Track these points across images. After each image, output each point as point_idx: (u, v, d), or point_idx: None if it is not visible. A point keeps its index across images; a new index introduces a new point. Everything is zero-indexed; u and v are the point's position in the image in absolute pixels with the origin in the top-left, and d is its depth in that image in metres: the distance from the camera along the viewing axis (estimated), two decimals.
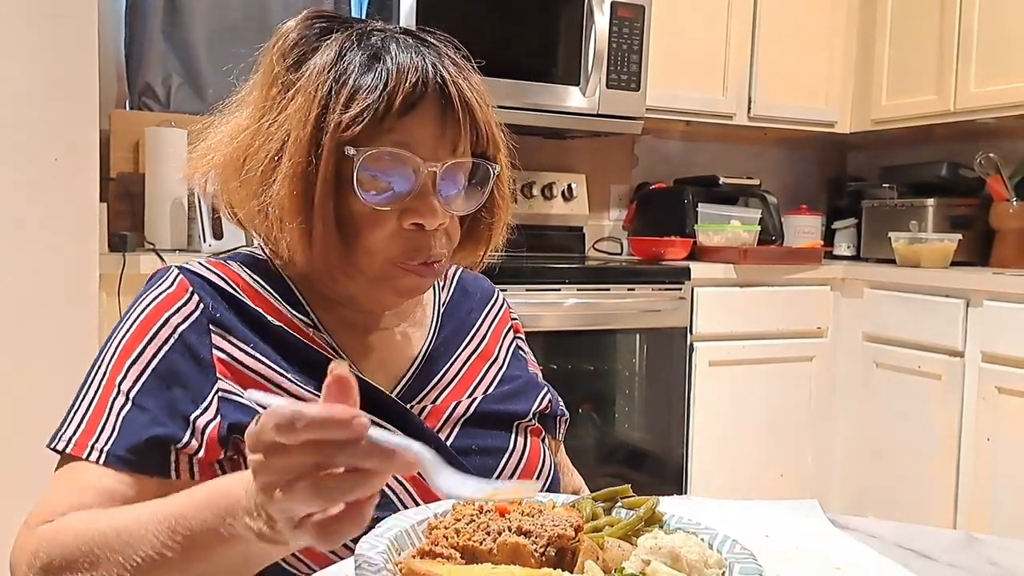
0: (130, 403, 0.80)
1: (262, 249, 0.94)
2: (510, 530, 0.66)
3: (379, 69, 0.82)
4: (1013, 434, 2.41)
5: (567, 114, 2.71)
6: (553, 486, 0.97)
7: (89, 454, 0.79)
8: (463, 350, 0.98)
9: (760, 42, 3.06)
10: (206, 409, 0.82)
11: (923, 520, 2.57)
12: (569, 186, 3.07)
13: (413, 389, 0.92)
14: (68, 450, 0.80)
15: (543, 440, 0.99)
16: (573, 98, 2.70)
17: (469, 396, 0.94)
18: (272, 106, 0.85)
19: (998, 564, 0.79)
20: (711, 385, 2.71)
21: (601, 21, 2.68)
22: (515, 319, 1.10)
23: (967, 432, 2.53)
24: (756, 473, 2.81)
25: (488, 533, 0.67)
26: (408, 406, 0.90)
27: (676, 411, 2.65)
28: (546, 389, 1.03)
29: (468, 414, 0.92)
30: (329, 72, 0.82)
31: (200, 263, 0.90)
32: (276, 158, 0.83)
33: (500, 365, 1.00)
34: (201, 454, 0.81)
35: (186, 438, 0.80)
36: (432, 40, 0.88)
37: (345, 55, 0.83)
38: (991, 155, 2.90)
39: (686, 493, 2.55)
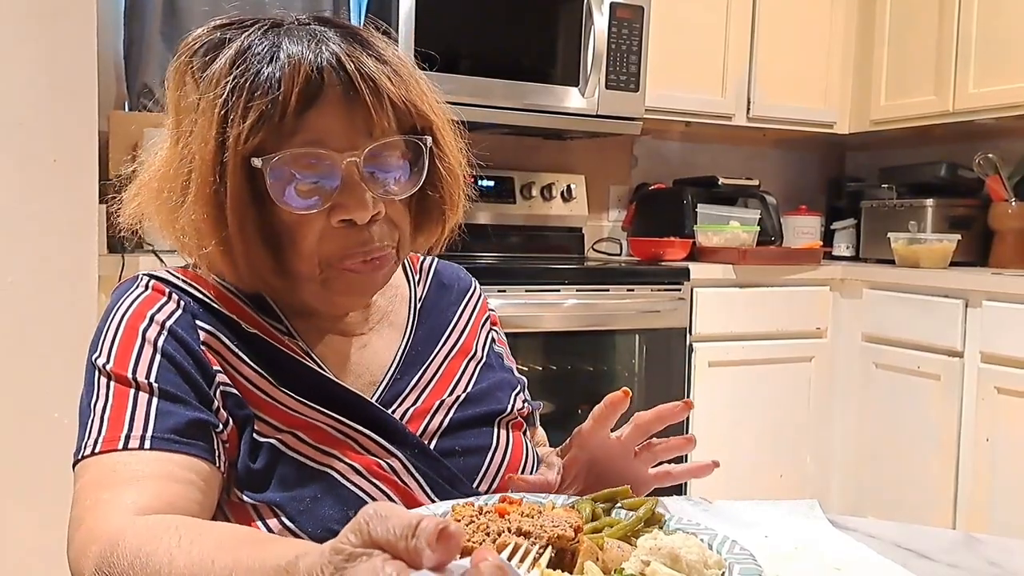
0: (154, 392, 0.77)
1: None
2: (509, 531, 0.66)
3: (271, 70, 0.77)
4: (1012, 434, 2.41)
5: (566, 115, 2.71)
6: None
7: (126, 444, 0.74)
8: (441, 348, 0.96)
9: (759, 43, 3.06)
10: (215, 399, 0.80)
11: (922, 520, 2.57)
12: (568, 187, 3.07)
13: (393, 393, 0.90)
14: (97, 450, 0.74)
15: (524, 434, 0.98)
16: (572, 99, 2.70)
17: (450, 394, 0.93)
18: (185, 132, 0.81)
19: (998, 564, 0.79)
20: (710, 385, 2.72)
21: (600, 22, 2.67)
22: (491, 311, 1.07)
23: (966, 432, 2.53)
24: (756, 473, 2.81)
25: (487, 534, 0.66)
26: (390, 411, 0.88)
27: None
28: (518, 388, 1.01)
29: (450, 414, 0.91)
30: (225, 83, 0.78)
31: (167, 271, 0.88)
32: (186, 181, 0.80)
33: (479, 360, 0.98)
34: (226, 445, 0.79)
35: (219, 425, 0.79)
36: (336, 23, 0.83)
37: (238, 62, 0.78)
38: (990, 155, 2.90)
39: (685, 494, 2.55)
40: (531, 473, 0.95)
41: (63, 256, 1.85)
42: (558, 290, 2.46)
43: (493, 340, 1.05)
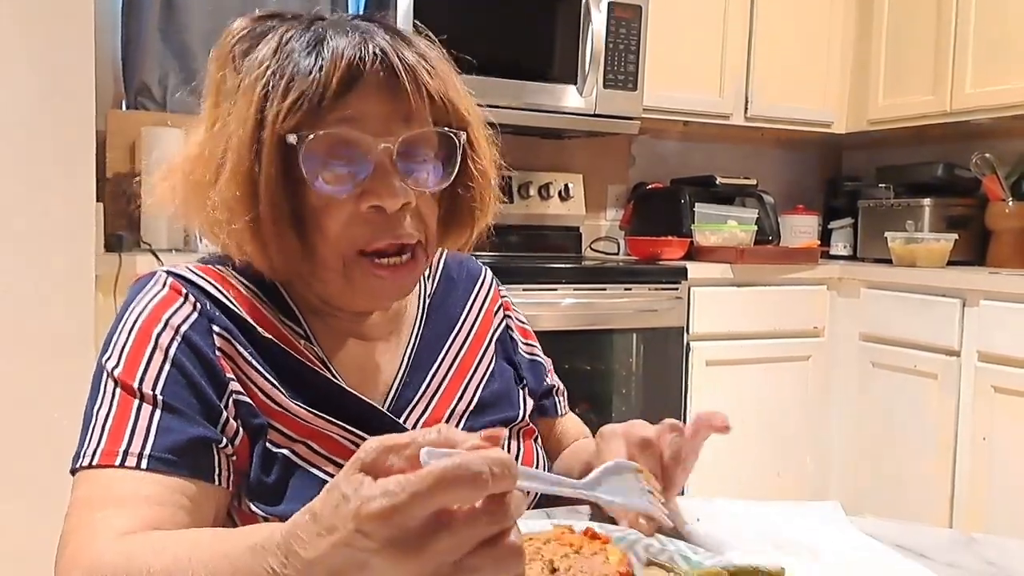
0: (158, 405, 0.76)
1: None
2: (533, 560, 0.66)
3: (316, 55, 0.78)
4: (1009, 433, 2.42)
5: (564, 114, 2.71)
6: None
7: (123, 461, 0.73)
8: (449, 348, 0.95)
9: (757, 42, 3.06)
10: (225, 410, 0.79)
11: (920, 518, 2.58)
12: (566, 186, 3.07)
13: (403, 399, 0.89)
14: (95, 463, 0.74)
15: (536, 440, 0.98)
16: (570, 98, 2.70)
17: (460, 399, 0.92)
18: (222, 113, 0.82)
19: (995, 564, 0.79)
20: (708, 384, 2.72)
21: (598, 21, 2.67)
22: (504, 297, 1.06)
23: (963, 431, 2.54)
24: (753, 472, 2.81)
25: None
26: (402, 419, 0.87)
27: (673, 411, 2.65)
28: (523, 383, 0.99)
29: (462, 425, 0.90)
30: (267, 66, 0.79)
31: (188, 268, 0.86)
32: (221, 160, 0.80)
33: (491, 358, 0.97)
34: (234, 459, 0.79)
35: (223, 440, 0.78)
36: (379, 21, 0.84)
37: (283, 48, 0.80)
38: (987, 155, 2.90)
39: (683, 493, 2.55)
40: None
41: (60, 255, 1.85)
42: (555, 289, 2.46)
43: (508, 328, 1.03)
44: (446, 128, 0.84)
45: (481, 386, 0.94)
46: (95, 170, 1.90)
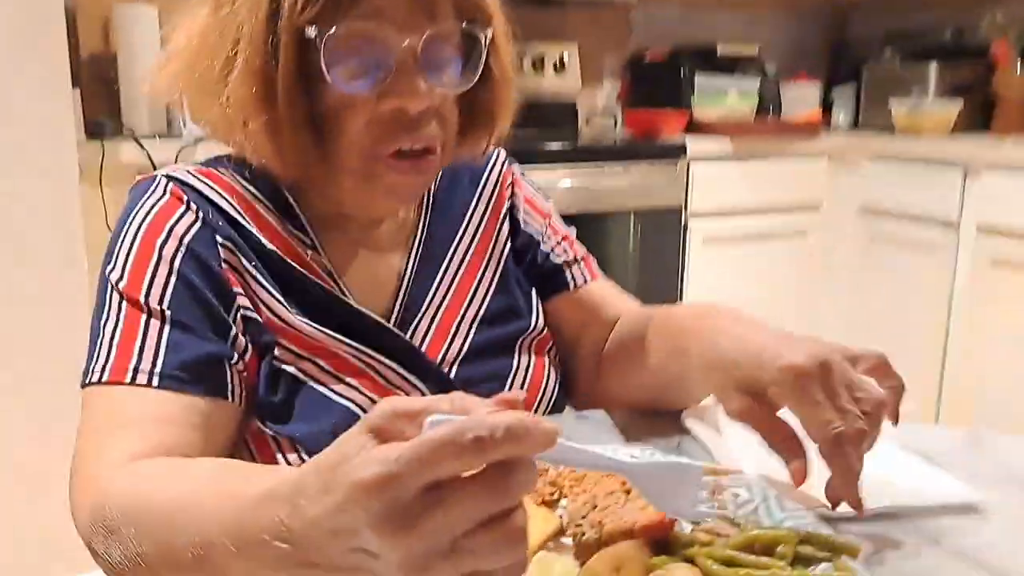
0: (167, 320, 0.74)
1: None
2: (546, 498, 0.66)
3: None
4: (1005, 307, 2.42)
5: None
6: (557, 405, 0.93)
7: (133, 378, 0.71)
8: (456, 249, 0.91)
9: None
10: (234, 324, 0.76)
11: (911, 391, 2.62)
12: (561, 57, 2.95)
13: (410, 310, 0.86)
14: (104, 379, 0.72)
15: (549, 352, 0.95)
16: None
17: (468, 306, 0.89)
18: None
19: (1004, 464, 0.79)
20: (705, 262, 2.70)
21: None
22: (515, 174, 1.01)
23: (960, 305, 2.54)
24: None
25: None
26: (408, 331, 0.85)
27: (670, 289, 2.65)
28: (534, 304, 0.95)
29: (470, 337, 0.88)
30: None
31: (188, 171, 0.82)
32: (233, 53, 0.74)
33: (501, 249, 0.94)
34: (245, 375, 0.77)
35: (235, 356, 0.76)
36: None
37: None
38: (999, 18, 2.79)
39: None
40: (549, 401, 0.91)
41: (39, 144, 1.78)
42: (551, 169, 2.41)
43: (514, 207, 0.97)
44: (471, 24, 0.78)
45: (490, 292, 0.91)
46: (68, 52, 1.81)
